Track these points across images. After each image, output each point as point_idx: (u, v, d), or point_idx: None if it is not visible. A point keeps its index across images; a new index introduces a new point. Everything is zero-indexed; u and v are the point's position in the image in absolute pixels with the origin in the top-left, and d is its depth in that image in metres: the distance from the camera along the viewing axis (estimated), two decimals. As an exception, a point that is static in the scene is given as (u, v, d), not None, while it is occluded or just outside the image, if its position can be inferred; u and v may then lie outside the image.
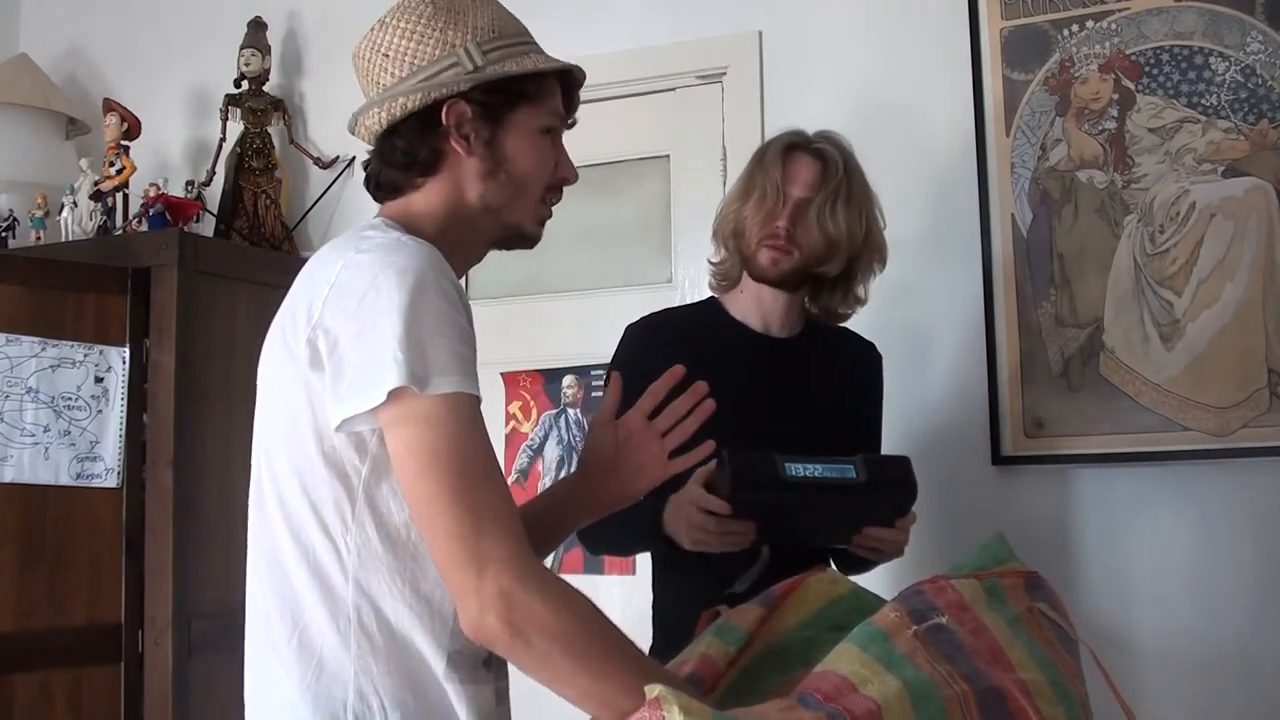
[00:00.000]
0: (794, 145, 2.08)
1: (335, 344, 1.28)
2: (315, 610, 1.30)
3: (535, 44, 1.49)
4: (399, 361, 1.22)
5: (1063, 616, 1.29)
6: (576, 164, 1.61)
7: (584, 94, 3.26)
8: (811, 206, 2.03)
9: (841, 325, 2.19)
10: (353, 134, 1.49)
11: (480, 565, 1.20)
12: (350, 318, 1.28)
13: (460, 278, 1.43)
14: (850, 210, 2.04)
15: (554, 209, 1.55)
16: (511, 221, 1.48)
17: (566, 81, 1.52)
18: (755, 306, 2.11)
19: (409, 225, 1.42)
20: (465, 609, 1.21)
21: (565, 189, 1.56)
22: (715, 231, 2.17)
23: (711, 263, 2.20)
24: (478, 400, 1.28)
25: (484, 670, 1.37)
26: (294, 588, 1.31)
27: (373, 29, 1.45)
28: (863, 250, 2.08)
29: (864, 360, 2.21)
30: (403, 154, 1.43)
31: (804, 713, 1.02)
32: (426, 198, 1.45)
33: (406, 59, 1.42)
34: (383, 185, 1.47)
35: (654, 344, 2.09)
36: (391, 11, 1.44)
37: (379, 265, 1.29)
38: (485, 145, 1.44)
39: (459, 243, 1.45)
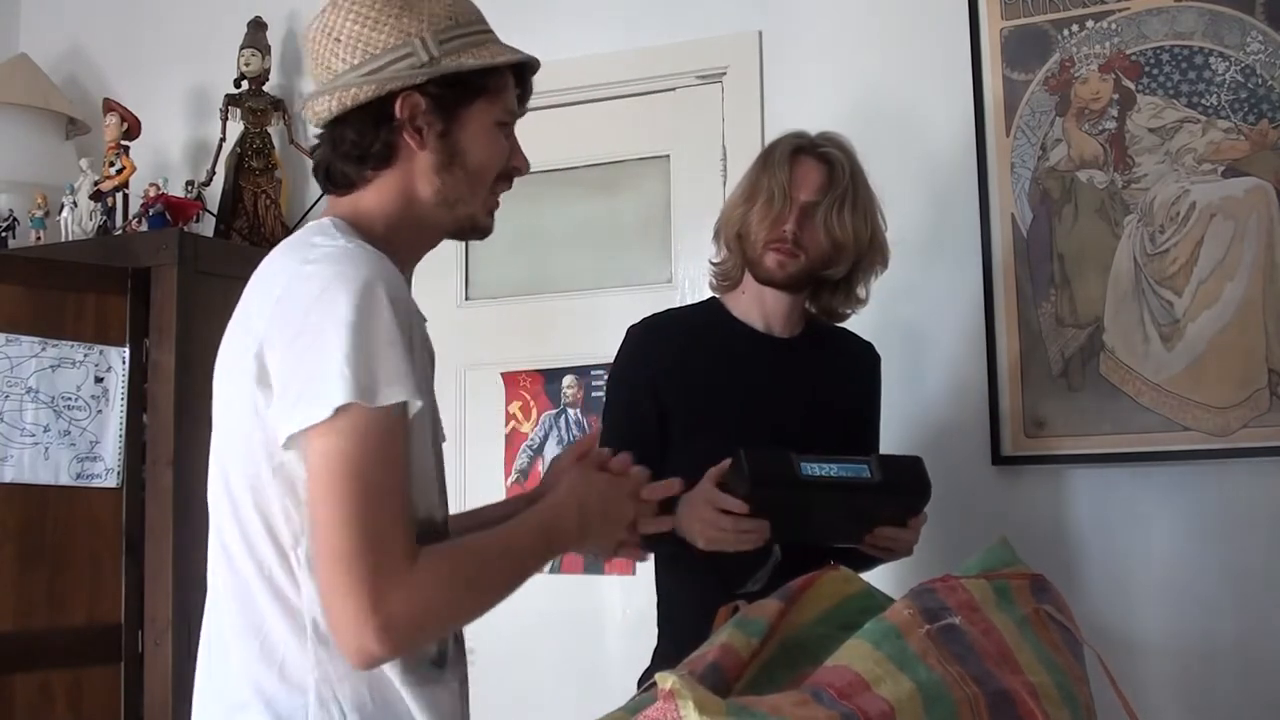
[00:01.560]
0: (800, 148, 2.08)
1: (281, 359, 1.27)
2: (275, 620, 1.30)
3: (491, 32, 1.46)
4: (344, 377, 1.22)
5: (1068, 619, 1.29)
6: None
7: (584, 94, 3.26)
8: (819, 210, 2.04)
9: (840, 325, 2.19)
10: (301, 117, 1.47)
11: (375, 602, 1.21)
12: (296, 333, 1.27)
13: (413, 269, 1.48)
14: (856, 214, 2.05)
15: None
16: (464, 214, 1.46)
17: (520, 71, 1.49)
18: (757, 307, 2.11)
19: (359, 225, 1.40)
20: (344, 636, 1.22)
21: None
22: (717, 232, 2.17)
23: (713, 263, 2.19)
24: (418, 409, 1.28)
25: (436, 670, 1.37)
26: (253, 597, 1.31)
27: (325, 10, 1.42)
28: (867, 252, 2.09)
29: (863, 360, 2.22)
30: (353, 146, 1.40)
31: (818, 709, 1.02)
32: (378, 193, 1.42)
33: (359, 46, 1.38)
34: (333, 177, 1.44)
35: (657, 344, 2.10)
36: None
37: (325, 277, 1.27)
38: (439, 139, 1.41)
39: (411, 237, 1.45)
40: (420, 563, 1.24)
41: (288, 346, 1.27)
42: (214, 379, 1.41)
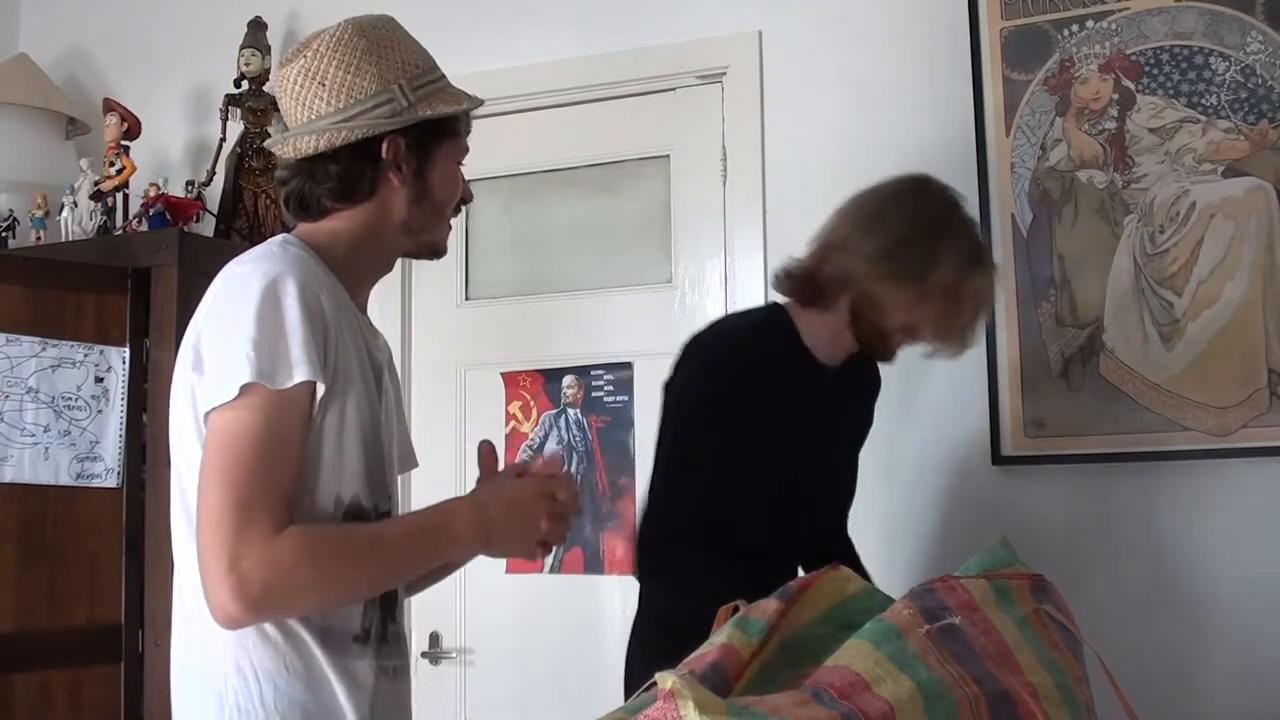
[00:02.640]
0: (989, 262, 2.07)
1: (209, 347, 1.42)
2: (202, 595, 1.38)
3: (444, 77, 1.60)
4: (250, 359, 1.36)
5: (1068, 619, 1.29)
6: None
7: (584, 94, 3.27)
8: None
9: None
10: (273, 151, 1.59)
11: (232, 561, 1.32)
12: (218, 321, 1.43)
13: (369, 288, 1.64)
14: None
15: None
16: (428, 240, 1.62)
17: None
18: (828, 340, 2.05)
19: (318, 246, 1.54)
20: (209, 594, 1.34)
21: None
22: (854, 275, 1.99)
23: (798, 267, 2.07)
24: (324, 393, 1.41)
25: (357, 645, 1.47)
26: (190, 572, 1.41)
27: (302, 53, 1.55)
28: None
29: (876, 387, 2.25)
30: (339, 181, 1.53)
31: (818, 709, 1.02)
32: (349, 219, 1.56)
33: (343, 91, 1.51)
34: (307, 206, 1.57)
35: (742, 369, 1.99)
36: (322, 40, 1.54)
37: (247, 273, 1.43)
38: (414, 175, 1.56)
39: (371, 260, 1.60)
40: (285, 533, 1.34)
41: (211, 335, 1.42)
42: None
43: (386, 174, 1.55)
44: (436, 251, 1.65)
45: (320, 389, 1.41)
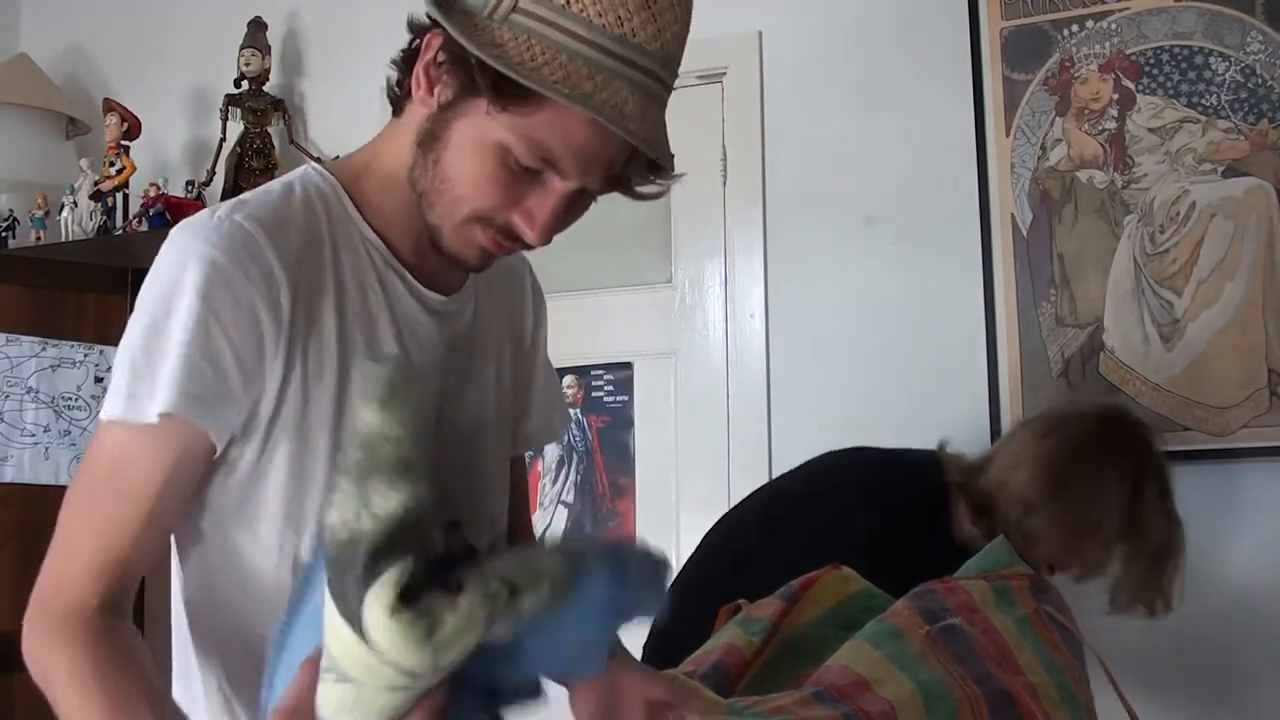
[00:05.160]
0: None
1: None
2: None
3: (609, 52, 1.04)
4: (117, 391, 1.09)
5: (1068, 619, 1.29)
6: None
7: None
8: None
9: None
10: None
11: (31, 598, 1.11)
12: (133, 312, 1.13)
13: (435, 249, 1.16)
14: None
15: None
16: (432, 220, 1.13)
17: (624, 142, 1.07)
18: (962, 536, 1.89)
19: (348, 173, 1.17)
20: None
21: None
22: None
23: (978, 487, 1.89)
24: (202, 428, 1.08)
25: None
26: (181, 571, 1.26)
27: None
28: None
29: None
30: (399, 63, 1.15)
31: (820, 708, 1.02)
32: (387, 136, 1.18)
33: None
34: (392, 90, 1.17)
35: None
36: None
37: (166, 256, 1.13)
38: (440, 109, 1.09)
39: (407, 206, 1.15)
40: (65, 639, 1.08)
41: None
42: None
43: (416, 78, 1.10)
44: (440, 248, 1.14)
45: (196, 424, 1.08)
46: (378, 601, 0.78)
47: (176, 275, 1.09)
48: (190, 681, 1.20)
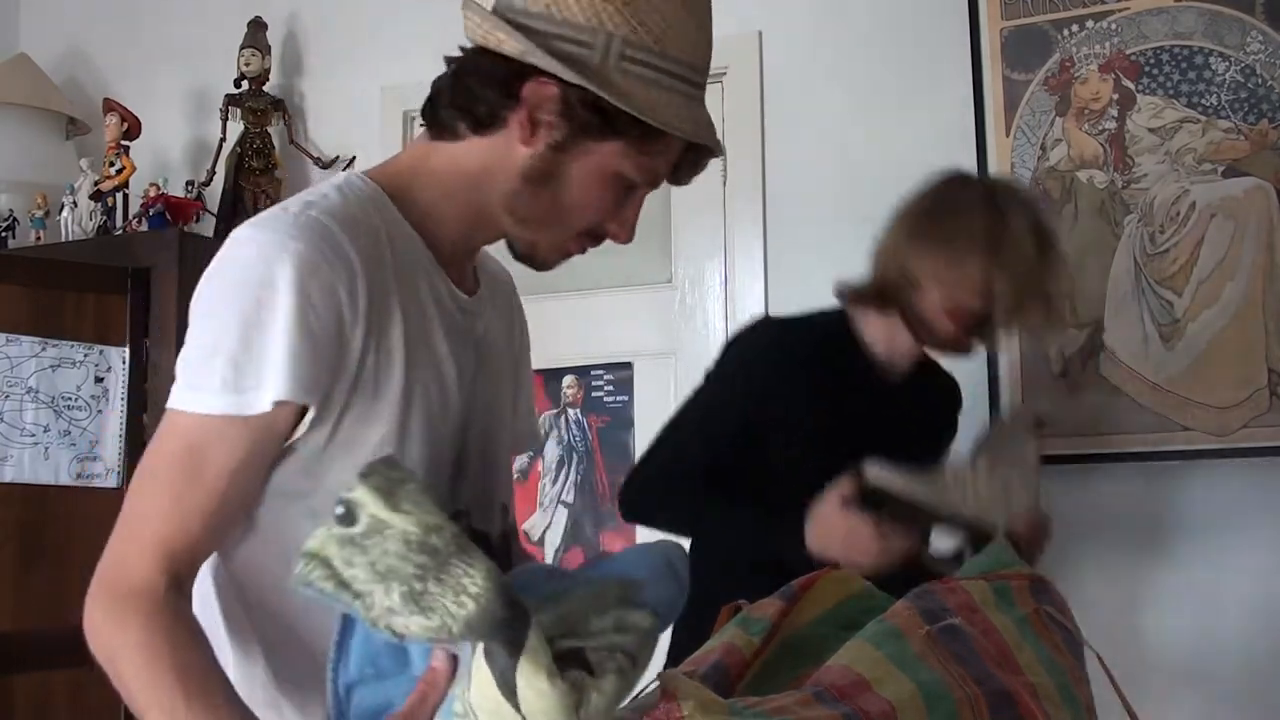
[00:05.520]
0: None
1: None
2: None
3: (697, 85, 1.20)
4: (207, 386, 1.11)
5: (1068, 620, 1.29)
6: None
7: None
8: None
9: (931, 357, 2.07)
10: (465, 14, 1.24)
11: (95, 578, 1.14)
12: (193, 303, 1.19)
13: (470, 254, 1.30)
14: None
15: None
16: (527, 239, 1.24)
17: (694, 149, 1.24)
18: (887, 341, 1.99)
19: (397, 184, 1.23)
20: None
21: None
22: (888, 255, 1.93)
23: (869, 284, 1.97)
24: (261, 418, 1.11)
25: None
26: None
27: None
28: None
29: (953, 399, 2.16)
30: (465, 94, 1.20)
31: (820, 709, 1.02)
32: (452, 155, 1.23)
33: None
34: (434, 107, 1.24)
35: (787, 359, 1.97)
36: None
37: (243, 250, 1.17)
38: (549, 148, 1.19)
39: (465, 215, 1.25)
40: (136, 613, 1.09)
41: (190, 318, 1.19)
42: None
43: (514, 117, 1.17)
44: (534, 258, 1.26)
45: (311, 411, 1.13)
46: (537, 668, 0.83)
47: (265, 269, 1.13)
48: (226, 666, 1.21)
